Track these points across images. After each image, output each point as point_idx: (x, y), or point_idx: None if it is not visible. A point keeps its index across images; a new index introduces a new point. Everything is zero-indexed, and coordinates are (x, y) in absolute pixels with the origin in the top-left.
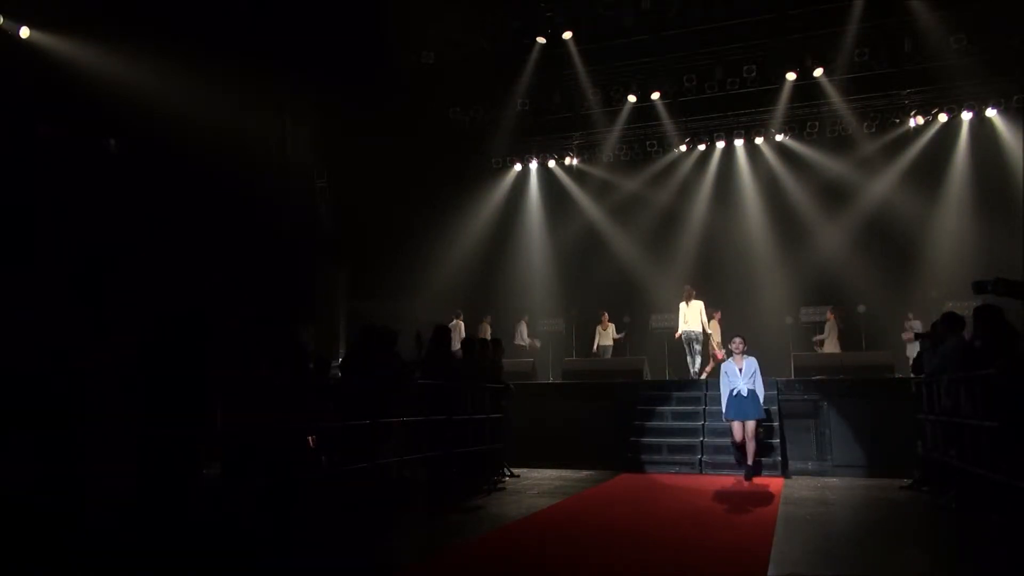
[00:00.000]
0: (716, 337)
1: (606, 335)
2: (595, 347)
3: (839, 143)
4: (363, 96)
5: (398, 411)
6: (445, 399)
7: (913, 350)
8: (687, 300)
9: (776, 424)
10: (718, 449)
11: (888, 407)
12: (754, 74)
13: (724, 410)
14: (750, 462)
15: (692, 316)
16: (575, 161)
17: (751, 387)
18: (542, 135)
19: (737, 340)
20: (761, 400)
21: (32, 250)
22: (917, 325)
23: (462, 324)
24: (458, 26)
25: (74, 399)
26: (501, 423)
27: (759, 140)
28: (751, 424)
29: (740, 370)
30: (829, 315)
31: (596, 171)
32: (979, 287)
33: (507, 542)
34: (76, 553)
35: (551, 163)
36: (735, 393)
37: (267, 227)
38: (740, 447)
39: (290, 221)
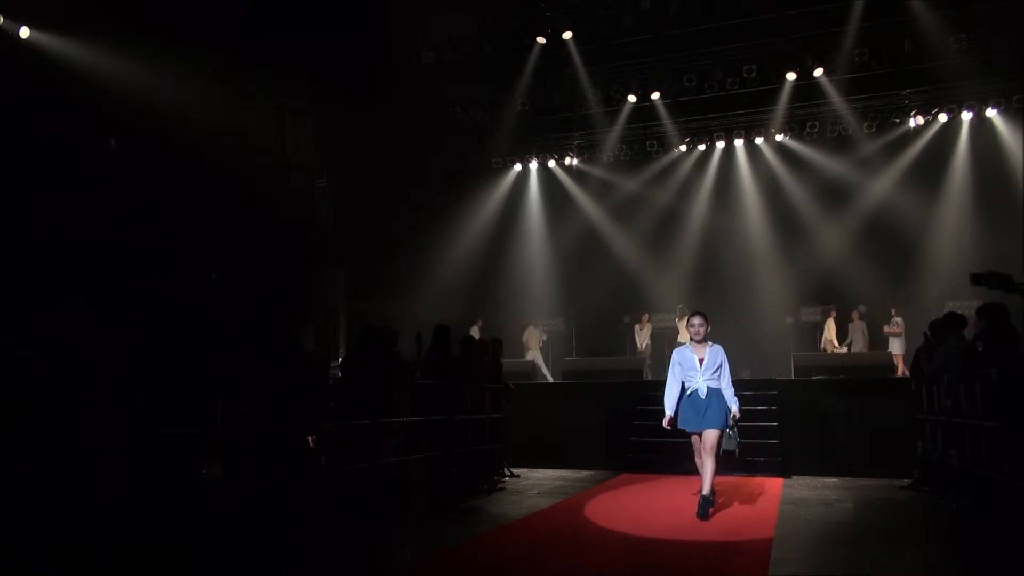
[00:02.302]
0: (830, 334)
1: (644, 335)
2: (641, 346)
3: (839, 143)
4: (363, 96)
5: (398, 411)
6: (445, 399)
7: (896, 345)
8: (679, 318)
9: (776, 424)
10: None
11: (888, 407)
12: (754, 74)
13: (673, 414)
14: (706, 490)
15: (684, 334)
16: (575, 161)
17: (714, 385)
18: (542, 135)
19: (696, 320)
20: (731, 404)
21: (32, 250)
22: (899, 322)
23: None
24: (458, 26)
25: (74, 398)
26: (501, 423)
27: (759, 140)
28: (711, 435)
29: (700, 361)
30: (854, 317)
31: (596, 171)
32: (975, 279)
33: (507, 542)
34: (76, 553)
35: (551, 163)
36: (689, 393)
37: (267, 227)
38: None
39: (290, 221)
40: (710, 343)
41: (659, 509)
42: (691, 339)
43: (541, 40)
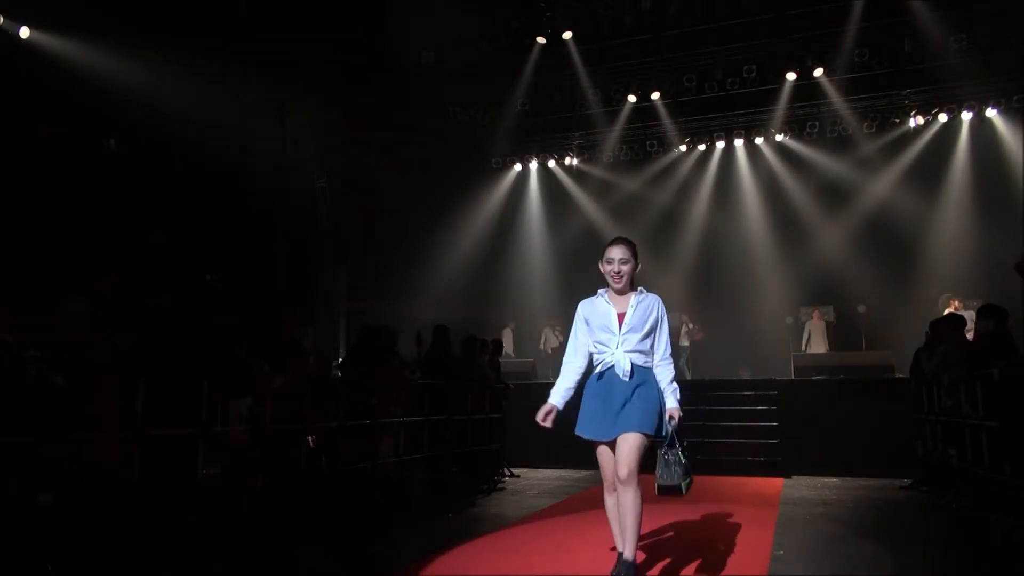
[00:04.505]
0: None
1: (683, 336)
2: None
3: (839, 143)
4: (363, 96)
5: (398, 411)
6: (445, 399)
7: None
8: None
9: (776, 424)
10: (718, 449)
11: (888, 407)
12: (754, 74)
13: (563, 404)
14: (627, 553)
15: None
16: (575, 161)
17: (643, 361)
18: (542, 135)
19: (616, 251)
20: (667, 391)
21: (31, 249)
22: (971, 316)
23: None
24: (458, 26)
25: (74, 398)
26: (501, 423)
27: (759, 140)
28: (630, 446)
29: (620, 319)
30: (814, 316)
31: (596, 171)
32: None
33: (507, 542)
34: (76, 553)
35: (551, 163)
36: (601, 373)
37: (267, 227)
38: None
39: (290, 221)
40: (640, 290)
41: (658, 509)
42: (612, 283)
43: (541, 40)
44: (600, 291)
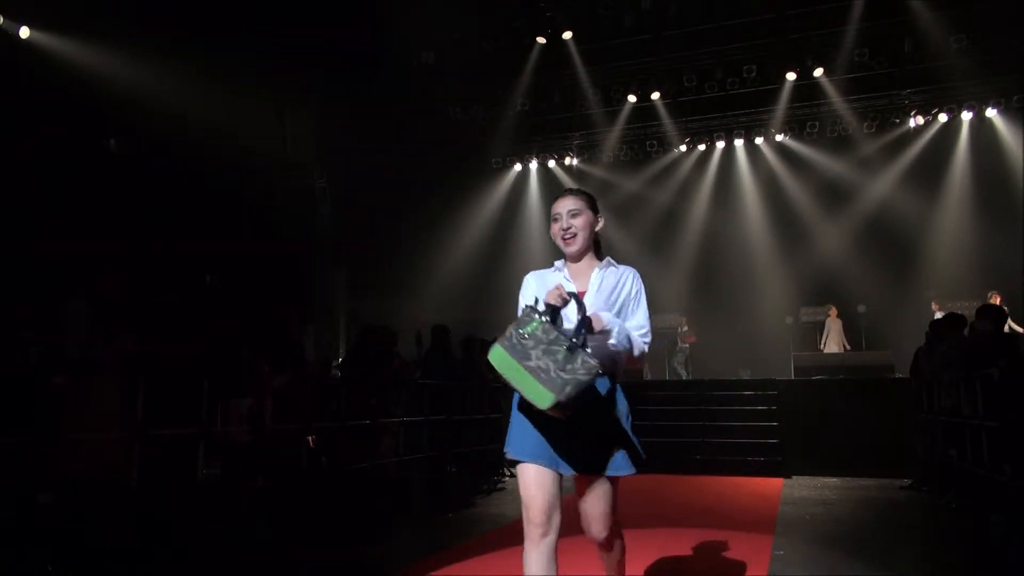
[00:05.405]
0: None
1: (680, 338)
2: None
3: (839, 143)
4: (363, 96)
5: (398, 411)
6: (445, 399)
7: None
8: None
9: (776, 424)
10: (718, 449)
11: (888, 407)
12: (754, 74)
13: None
14: None
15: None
16: (575, 161)
17: (609, 349)
18: (542, 135)
19: (567, 202)
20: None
21: (31, 249)
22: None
23: None
24: (458, 26)
25: (74, 398)
26: (501, 423)
27: (759, 140)
28: (606, 489)
29: (577, 300)
30: (831, 313)
31: (596, 171)
32: None
33: (507, 542)
34: (76, 553)
35: (551, 163)
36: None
37: (267, 227)
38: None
39: (290, 221)
40: (608, 261)
41: (658, 509)
42: (566, 253)
43: (541, 40)
44: (557, 263)
